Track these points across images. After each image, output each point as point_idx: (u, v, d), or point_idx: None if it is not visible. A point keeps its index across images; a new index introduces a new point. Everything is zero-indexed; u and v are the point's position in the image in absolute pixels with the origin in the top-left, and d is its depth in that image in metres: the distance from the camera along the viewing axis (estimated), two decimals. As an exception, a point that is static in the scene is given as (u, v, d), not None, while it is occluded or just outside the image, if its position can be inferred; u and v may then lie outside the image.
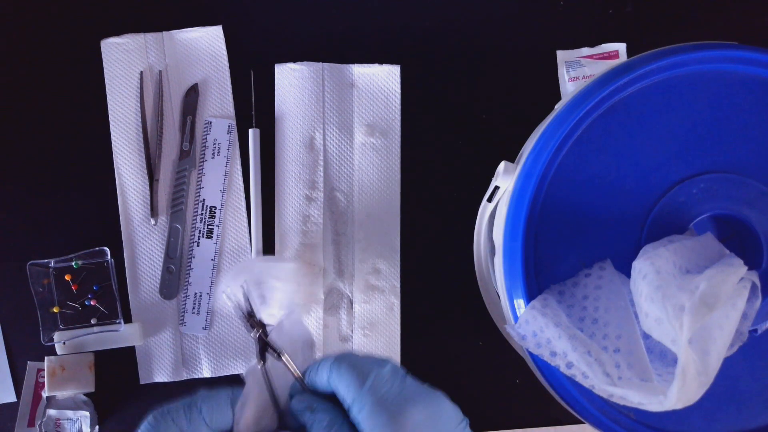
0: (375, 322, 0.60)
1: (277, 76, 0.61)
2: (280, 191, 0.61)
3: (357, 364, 0.34)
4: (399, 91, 0.61)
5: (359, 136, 0.61)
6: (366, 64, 0.61)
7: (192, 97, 0.60)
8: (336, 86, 0.61)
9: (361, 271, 0.61)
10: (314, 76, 0.61)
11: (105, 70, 0.60)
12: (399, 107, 0.61)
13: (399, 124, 0.61)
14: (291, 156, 0.61)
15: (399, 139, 0.61)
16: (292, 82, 0.61)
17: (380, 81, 0.61)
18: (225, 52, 0.61)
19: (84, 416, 0.56)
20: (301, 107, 0.61)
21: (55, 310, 0.59)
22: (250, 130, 0.60)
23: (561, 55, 0.62)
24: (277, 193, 0.61)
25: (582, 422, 0.45)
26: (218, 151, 0.60)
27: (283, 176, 0.61)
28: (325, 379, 0.35)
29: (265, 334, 0.37)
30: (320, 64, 0.61)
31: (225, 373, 0.60)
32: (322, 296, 0.60)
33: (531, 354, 0.43)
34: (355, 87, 0.61)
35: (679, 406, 0.36)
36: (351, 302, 0.61)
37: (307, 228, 0.60)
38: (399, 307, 0.61)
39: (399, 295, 0.61)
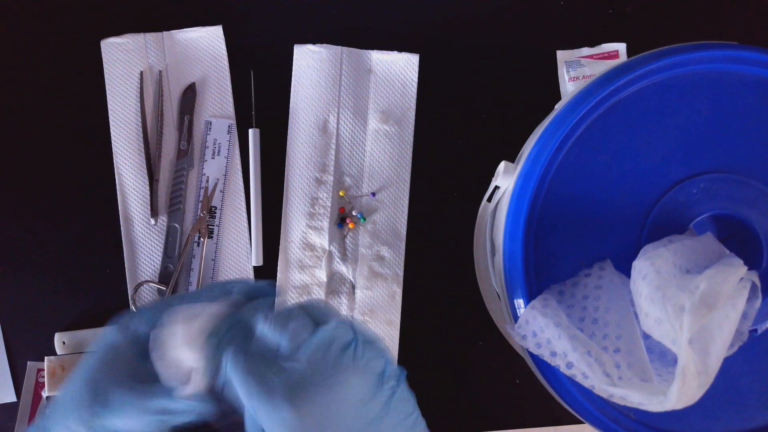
0: (375, 309, 0.60)
1: (295, 56, 0.61)
2: (290, 172, 0.61)
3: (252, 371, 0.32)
4: (416, 80, 0.61)
5: (373, 123, 0.61)
6: (385, 51, 0.61)
7: (189, 96, 0.60)
8: (353, 71, 0.61)
9: (366, 257, 0.61)
10: (333, 59, 0.61)
11: (105, 70, 0.60)
12: (415, 96, 0.61)
13: (414, 113, 0.61)
14: (303, 138, 0.61)
15: (413, 128, 0.61)
16: (311, 63, 0.61)
17: (398, 69, 0.61)
18: (225, 52, 0.61)
19: (84, 416, 0.56)
20: (318, 89, 0.61)
21: None
22: (250, 130, 0.60)
23: (561, 55, 0.62)
24: (286, 173, 0.61)
25: (582, 422, 0.45)
26: (218, 151, 0.60)
27: (295, 157, 0.61)
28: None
29: None
30: (339, 47, 0.61)
31: (225, 373, 0.60)
32: (325, 279, 0.61)
33: (531, 354, 0.43)
34: (372, 73, 0.61)
35: (679, 406, 0.36)
36: (353, 287, 0.61)
37: (315, 210, 0.60)
38: (401, 296, 0.60)
39: (402, 284, 0.61)
